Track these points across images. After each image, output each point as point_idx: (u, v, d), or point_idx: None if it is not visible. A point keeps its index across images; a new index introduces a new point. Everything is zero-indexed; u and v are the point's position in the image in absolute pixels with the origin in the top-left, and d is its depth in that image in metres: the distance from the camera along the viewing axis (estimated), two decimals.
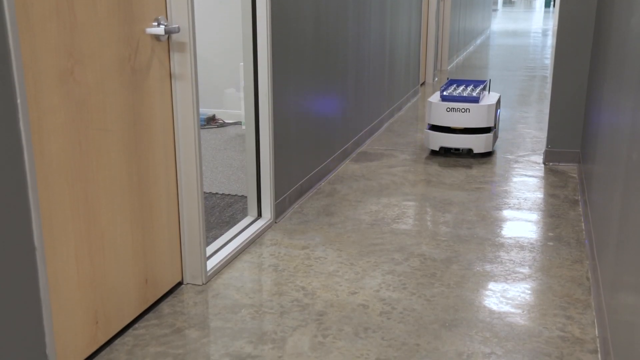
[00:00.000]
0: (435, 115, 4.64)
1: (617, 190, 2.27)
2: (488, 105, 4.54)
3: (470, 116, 4.53)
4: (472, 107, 4.53)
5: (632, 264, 1.79)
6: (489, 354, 2.25)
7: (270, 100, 3.33)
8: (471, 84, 5.14)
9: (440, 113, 4.61)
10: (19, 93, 1.72)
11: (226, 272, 2.91)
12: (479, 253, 3.09)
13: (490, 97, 4.79)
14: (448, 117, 4.59)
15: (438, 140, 4.68)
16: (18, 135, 1.73)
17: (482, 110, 4.53)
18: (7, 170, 1.71)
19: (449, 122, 4.60)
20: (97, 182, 2.16)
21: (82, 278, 2.12)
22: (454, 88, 4.97)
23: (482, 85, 4.99)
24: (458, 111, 4.55)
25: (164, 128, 2.54)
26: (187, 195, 2.69)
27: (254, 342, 2.34)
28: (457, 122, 4.57)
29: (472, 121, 4.54)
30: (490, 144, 4.64)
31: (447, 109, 4.58)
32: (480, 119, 4.54)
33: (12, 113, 1.71)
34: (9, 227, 1.72)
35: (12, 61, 1.69)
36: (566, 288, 2.74)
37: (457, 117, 4.56)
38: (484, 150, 4.62)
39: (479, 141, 4.59)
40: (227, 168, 4.56)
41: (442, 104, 4.61)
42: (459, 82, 5.20)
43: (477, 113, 4.53)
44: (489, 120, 4.58)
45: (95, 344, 2.22)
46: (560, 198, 3.90)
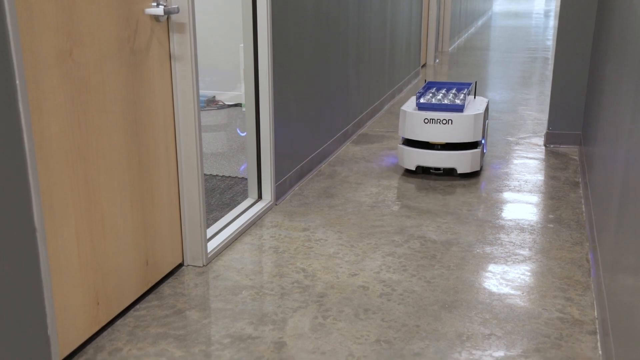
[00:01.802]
0: (411, 127, 3.84)
1: (618, 172, 2.26)
2: (474, 115, 3.76)
3: (452, 129, 3.76)
4: (455, 118, 3.75)
5: (632, 246, 1.79)
6: (488, 335, 2.26)
7: (271, 82, 3.31)
8: (453, 88, 4.35)
9: (416, 125, 3.82)
10: (18, 74, 1.71)
11: (227, 254, 2.91)
12: (479, 235, 3.10)
13: (476, 104, 3.98)
14: (426, 130, 3.80)
15: (414, 157, 3.88)
16: (17, 116, 1.73)
17: (467, 121, 3.75)
18: (6, 152, 1.70)
19: (427, 136, 3.81)
20: (97, 163, 2.16)
21: (82, 259, 2.12)
22: (432, 94, 4.14)
23: (467, 89, 4.21)
24: (438, 123, 3.77)
25: (164, 109, 2.53)
26: (187, 177, 2.68)
27: (254, 323, 2.35)
28: (437, 136, 3.80)
29: (455, 135, 3.77)
30: (477, 161, 3.84)
31: (424, 120, 3.78)
32: (464, 132, 3.76)
33: (12, 94, 1.70)
34: (10, 209, 1.72)
35: (11, 42, 1.68)
36: (566, 270, 2.75)
37: (437, 130, 3.79)
38: (469, 169, 3.83)
39: (464, 159, 3.80)
40: (227, 150, 4.56)
41: (418, 114, 3.81)
42: (439, 86, 4.40)
43: (461, 125, 3.76)
44: (476, 133, 3.79)
45: (96, 324, 2.23)
46: (561, 180, 3.90)
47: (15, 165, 1.73)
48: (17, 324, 1.78)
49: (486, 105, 4.01)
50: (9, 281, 1.74)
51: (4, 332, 1.73)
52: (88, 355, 2.15)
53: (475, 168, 3.85)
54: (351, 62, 4.71)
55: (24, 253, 1.78)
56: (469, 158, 3.81)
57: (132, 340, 2.24)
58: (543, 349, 2.18)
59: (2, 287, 1.72)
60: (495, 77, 7.72)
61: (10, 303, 1.75)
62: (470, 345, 2.20)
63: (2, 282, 1.71)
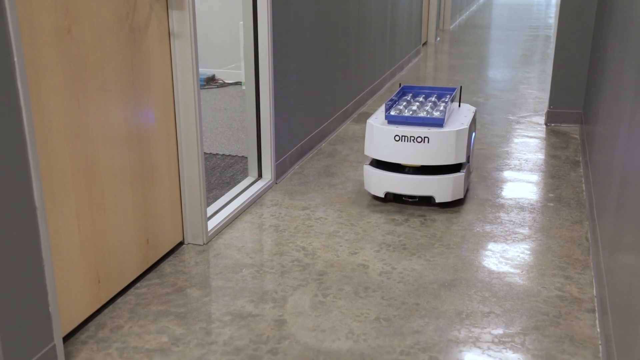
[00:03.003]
0: (378, 145, 3.09)
1: (619, 151, 2.26)
2: (457, 131, 2.99)
3: (429, 148, 3.00)
4: (433, 135, 2.99)
5: (632, 225, 1.79)
6: (487, 313, 2.28)
7: (271, 60, 3.29)
8: (433, 95, 3.55)
9: (385, 143, 3.07)
10: (16, 51, 1.70)
11: (227, 232, 2.92)
12: (479, 214, 3.10)
13: (460, 116, 3.22)
14: (397, 149, 3.05)
15: (382, 182, 3.13)
16: (16, 93, 1.72)
17: (447, 139, 2.99)
18: (6, 130, 1.70)
19: (399, 156, 3.05)
20: (96, 141, 2.15)
21: (83, 237, 2.13)
22: (407, 102, 3.35)
23: (450, 96, 3.39)
24: (411, 140, 3.00)
25: (163, 88, 2.52)
26: (187, 156, 2.68)
27: (254, 301, 2.36)
28: (411, 156, 3.04)
29: (432, 156, 3.01)
30: (460, 188, 3.09)
31: (395, 137, 3.03)
32: (444, 152, 3.01)
33: (10, 71, 1.69)
34: (10, 187, 1.72)
35: (8, 19, 1.67)
36: (565, 248, 2.76)
37: (411, 149, 3.02)
38: (450, 198, 3.08)
39: (444, 185, 3.06)
40: (227, 129, 4.55)
41: (387, 130, 3.05)
42: (416, 91, 3.59)
43: (440, 143, 2.99)
44: (459, 154, 3.02)
45: (97, 302, 2.25)
46: (562, 159, 3.89)
47: (14, 144, 1.73)
48: (19, 301, 1.79)
49: (473, 115, 3.27)
50: (10, 259, 1.74)
51: (7, 309, 1.74)
52: (90, 333, 2.17)
53: (458, 196, 3.09)
54: (352, 40, 4.68)
55: (25, 232, 1.79)
56: (449, 184, 3.05)
57: (133, 317, 2.26)
58: (542, 326, 2.20)
59: (3, 266, 1.72)
60: (496, 55, 7.68)
61: (12, 281, 1.76)
62: (469, 323, 2.21)
63: (3, 260, 1.72)
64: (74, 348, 2.08)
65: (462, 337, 2.14)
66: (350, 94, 4.75)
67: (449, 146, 3.00)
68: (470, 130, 3.17)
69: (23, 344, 1.82)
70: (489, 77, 6.36)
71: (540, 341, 2.12)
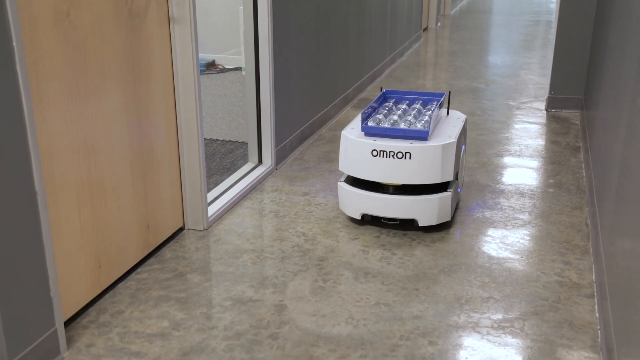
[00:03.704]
0: (354, 160, 2.71)
1: (620, 136, 2.25)
2: (443, 145, 2.61)
3: (412, 165, 2.62)
4: (416, 150, 2.60)
5: (632, 210, 1.79)
6: (487, 299, 2.28)
7: (271, 45, 3.28)
8: (418, 100, 3.13)
9: (361, 158, 2.68)
10: (15, 36, 1.69)
11: (227, 218, 2.92)
12: (479, 199, 3.10)
13: (448, 126, 2.84)
14: (374, 166, 2.66)
15: (358, 202, 2.75)
16: (15, 78, 1.71)
17: (432, 154, 2.60)
18: (5, 115, 1.69)
19: (377, 174, 2.67)
20: (96, 127, 2.15)
21: (83, 222, 2.13)
22: (387, 110, 2.93)
23: (437, 102, 2.96)
24: (391, 156, 2.62)
25: (163, 73, 2.51)
26: (187, 142, 2.68)
27: (255, 286, 2.37)
28: (391, 174, 2.65)
29: (415, 173, 2.63)
30: (447, 209, 2.71)
31: (372, 151, 2.64)
32: (429, 169, 2.62)
33: (9, 56, 1.69)
34: (10, 173, 1.72)
35: (7, 3, 1.66)
36: (565, 234, 2.76)
37: (390, 165, 2.63)
38: (435, 221, 2.71)
39: (428, 207, 2.68)
40: (227, 114, 4.54)
41: (363, 143, 2.66)
42: (398, 97, 3.18)
43: (424, 159, 2.61)
44: (445, 171, 2.65)
45: (98, 287, 2.25)
46: (562, 145, 3.89)
47: (14, 129, 1.73)
48: (20, 286, 1.79)
49: (462, 125, 2.90)
50: (10, 245, 1.74)
51: (8, 295, 1.75)
52: (91, 317, 2.18)
53: (444, 218, 2.73)
54: (352, 25, 4.66)
55: (25, 217, 1.79)
56: (434, 206, 2.68)
57: (134, 302, 2.26)
58: (541, 311, 2.21)
59: (5, 251, 1.72)
60: (497, 40, 7.65)
61: (13, 267, 1.76)
62: (468, 308, 2.22)
63: (4, 246, 1.72)
64: (75, 333, 2.09)
65: (461, 322, 2.15)
66: (350, 79, 4.74)
67: (433, 163, 2.62)
68: (459, 143, 2.80)
69: (25, 328, 1.82)
70: (490, 62, 6.34)
71: (539, 326, 2.13)
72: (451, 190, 2.72)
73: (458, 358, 1.97)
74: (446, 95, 3.28)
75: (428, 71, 5.95)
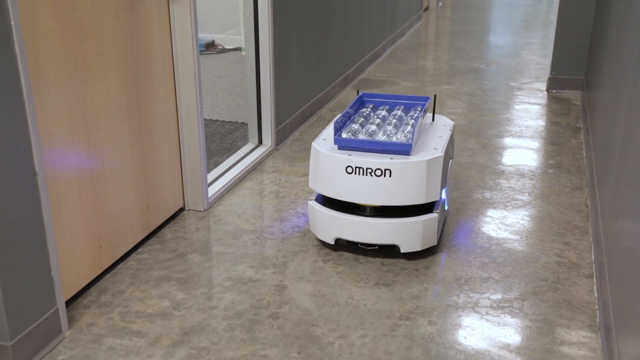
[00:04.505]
0: (326, 178, 2.34)
1: (621, 117, 2.25)
2: (429, 160, 2.25)
3: (393, 184, 2.26)
4: (398, 166, 2.24)
5: (632, 191, 1.79)
6: (486, 279, 2.29)
7: (271, 25, 3.26)
8: (400, 105, 2.72)
9: (334, 174, 2.32)
10: (13, 14, 1.68)
11: (227, 198, 2.93)
12: (479, 180, 3.10)
13: (434, 136, 2.48)
14: (350, 185, 2.30)
15: (331, 226, 2.39)
16: (14, 58, 1.70)
17: (415, 171, 2.25)
18: (5, 96, 1.69)
19: (353, 194, 2.30)
20: (95, 106, 2.14)
21: (84, 203, 2.13)
22: (364, 118, 2.54)
23: (421, 108, 2.64)
24: (369, 173, 2.26)
25: (162, 53, 2.50)
26: (187, 122, 2.67)
27: (255, 266, 2.37)
28: (369, 194, 2.29)
29: (397, 193, 2.27)
30: (433, 233, 2.37)
31: (347, 168, 2.28)
32: (412, 188, 2.27)
33: (7, 35, 1.68)
34: (10, 153, 1.72)
35: None
36: (565, 215, 2.76)
37: (368, 184, 2.28)
38: (420, 247, 2.36)
39: (411, 231, 2.33)
40: (227, 95, 4.52)
41: (337, 158, 2.30)
42: (377, 101, 2.76)
43: (407, 177, 2.25)
44: (431, 190, 2.29)
45: (99, 267, 2.26)
46: (562, 126, 3.88)
47: (13, 108, 1.72)
48: (21, 267, 1.80)
49: (449, 134, 2.53)
50: (11, 225, 1.75)
51: (9, 275, 1.76)
52: (92, 297, 2.19)
53: (430, 243, 2.38)
54: (353, 5, 4.62)
55: (26, 197, 1.79)
56: (418, 230, 2.33)
57: (134, 282, 2.27)
58: (540, 292, 2.22)
59: (6, 231, 1.73)
60: (498, 20, 7.60)
61: (14, 247, 1.76)
62: (468, 289, 2.23)
63: (6, 226, 1.73)
64: (76, 312, 2.10)
65: (460, 302, 2.16)
66: (350, 60, 4.71)
67: (417, 181, 2.26)
68: (447, 156, 2.44)
69: (26, 308, 1.83)
70: (491, 42, 6.31)
71: (538, 306, 2.14)
72: (437, 211, 2.36)
73: (457, 338, 1.98)
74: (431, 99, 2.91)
75: (429, 51, 5.92)
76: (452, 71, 5.17)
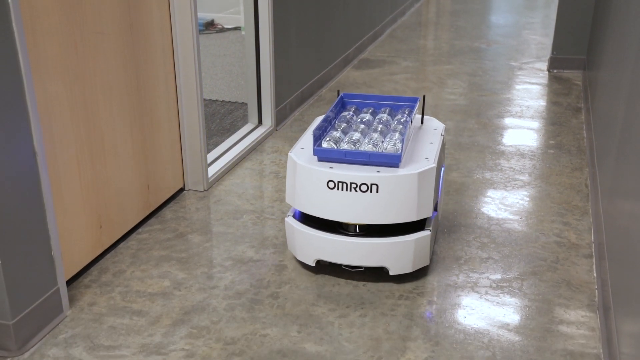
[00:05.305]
0: (305, 193, 2.08)
1: (622, 96, 2.24)
2: (420, 173, 2.01)
3: (381, 200, 2.01)
4: (386, 181, 1.99)
5: (632, 171, 1.79)
6: (486, 259, 2.30)
7: (270, 4, 3.23)
8: (385, 107, 2.45)
9: (314, 189, 2.06)
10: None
11: (227, 178, 2.92)
12: (479, 161, 3.10)
13: (424, 143, 2.22)
14: (332, 201, 2.04)
15: (311, 246, 2.15)
16: (12, 36, 1.69)
17: (406, 185, 2.00)
18: (3, 74, 1.68)
19: (335, 211, 2.05)
20: (95, 86, 2.13)
21: (84, 183, 2.13)
22: (346, 124, 2.26)
23: (410, 111, 2.38)
24: (353, 189, 2.00)
25: (161, 32, 2.48)
26: (186, 102, 2.66)
27: (255, 246, 2.38)
28: (353, 212, 2.03)
29: (385, 210, 2.02)
30: (425, 252, 2.13)
31: (328, 182, 2.02)
32: (402, 204, 2.02)
33: (4, 13, 1.66)
34: (9, 133, 1.71)
35: None
36: (565, 195, 2.77)
37: (353, 201, 2.02)
38: (411, 268, 2.12)
39: (401, 252, 2.09)
40: (226, 75, 4.50)
41: (317, 171, 2.04)
42: (359, 102, 2.48)
43: (396, 192, 2.00)
44: (423, 206, 2.05)
45: (100, 247, 2.27)
46: (563, 106, 3.87)
47: (12, 87, 1.71)
48: (22, 246, 1.80)
49: (441, 139, 2.28)
50: (12, 205, 1.75)
51: (10, 254, 1.76)
52: (92, 277, 2.19)
53: (422, 263, 2.15)
54: None
55: (26, 177, 1.79)
56: (409, 250, 2.09)
57: (135, 262, 2.28)
58: (539, 272, 2.22)
59: (6, 211, 1.73)
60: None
61: (15, 227, 1.77)
62: (467, 269, 2.24)
63: (6, 206, 1.72)
64: (77, 292, 2.11)
65: (460, 282, 2.17)
66: (351, 39, 4.68)
67: (408, 196, 2.01)
68: (439, 165, 2.19)
69: (27, 287, 1.84)
70: (492, 22, 6.27)
71: (537, 286, 2.15)
72: (430, 227, 2.13)
73: (456, 317, 1.99)
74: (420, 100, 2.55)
75: (429, 31, 5.89)
76: (452, 51, 5.14)
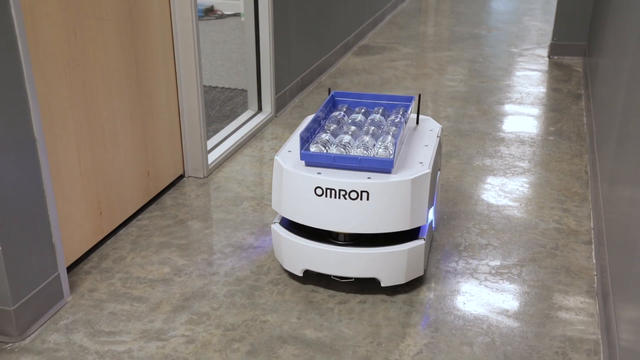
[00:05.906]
0: (292, 200, 1.97)
1: (622, 83, 2.24)
2: (413, 179, 1.89)
3: (372, 208, 1.89)
4: (377, 187, 1.88)
5: (632, 158, 1.79)
6: (485, 245, 2.30)
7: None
8: (378, 106, 2.31)
9: (302, 196, 1.94)
10: None
11: (227, 165, 2.92)
12: (479, 147, 3.10)
13: (419, 146, 2.09)
14: (320, 209, 1.92)
15: (299, 255, 2.03)
16: (11, 23, 1.69)
17: (399, 191, 1.89)
18: (2, 62, 1.67)
19: (324, 219, 1.93)
20: (94, 72, 2.13)
21: (84, 169, 2.13)
22: (336, 125, 2.15)
23: (404, 111, 2.25)
24: (342, 196, 1.89)
25: (161, 18, 2.47)
26: (186, 89, 2.65)
27: (255, 233, 2.38)
28: (343, 220, 1.92)
29: (376, 219, 1.91)
30: (419, 262, 2.02)
31: (316, 189, 1.90)
32: (395, 212, 1.91)
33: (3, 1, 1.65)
34: (8, 119, 1.71)
35: None
36: (564, 182, 2.77)
37: (343, 208, 1.90)
38: (404, 279, 2.01)
39: (394, 263, 1.97)
40: (226, 61, 4.49)
41: (304, 177, 1.92)
42: (351, 102, 2.35)
43: (388, 199, 1.89)
44: (417, 213, 1.94)
45: (100, 233, 2.27)
46: (563, 92, 3.86)
47: (11, 74, 1.71)
48: (22, 233, 1.80)
49: (437, 141, 2.16)
50: (12, 191, 1.75)
51: (11, 241, 1.76)
52: (93, 263, 2.20)
53: (415, 274, 2.04)
54: None
55: (25, 163, 1.79)
56: (402, 260, 1.97)
57: (135, 249, 2.29)
58: (538, 258, 2.23)
59: (6, 198, 1.73)
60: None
61: (15, 213, 1.77)
62: (467, 255, 2.24)
63: (6, 192, 1.73)
64: (77, 278, 2.12)
65: (460, 268, 2.17)
66: (351, 25, 4.67)
67: (401, 204, 1.89)
68: (434, 170, 2.08)
69: (28, 273, 1.85)
70: (492, 8, 6.24)
71: (536, 272, 2.15)
72: (424, 236, 2.00)
73: (456, 303, 2.00)
74: (416, 99, 2.47)
75: (430, 17, 5.86)
76: (453, 37, 5.12)
